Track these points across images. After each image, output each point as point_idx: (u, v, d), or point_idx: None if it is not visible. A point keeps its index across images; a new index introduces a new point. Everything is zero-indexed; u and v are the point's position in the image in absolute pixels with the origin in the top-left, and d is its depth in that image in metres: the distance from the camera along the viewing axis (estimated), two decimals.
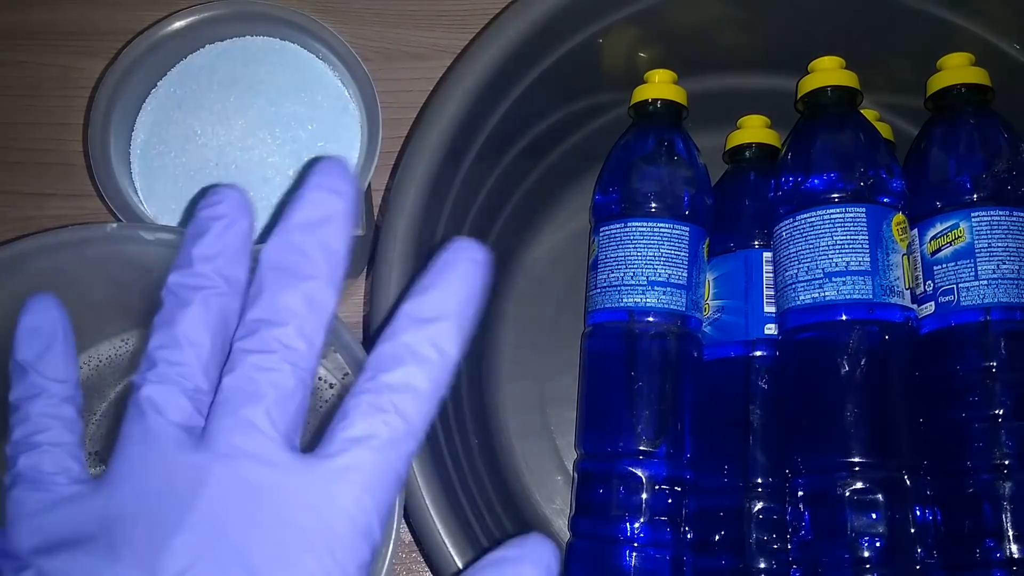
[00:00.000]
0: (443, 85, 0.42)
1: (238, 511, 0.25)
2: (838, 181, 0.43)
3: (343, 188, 0.28)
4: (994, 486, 0.39)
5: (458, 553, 0.36)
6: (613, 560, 0.42)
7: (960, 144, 0.44)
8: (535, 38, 0.43)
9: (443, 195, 0.42)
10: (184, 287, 0.28)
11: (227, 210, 0.28)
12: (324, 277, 0.27)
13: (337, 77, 0.45)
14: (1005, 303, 0.41)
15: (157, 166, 0.44)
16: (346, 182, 0.28)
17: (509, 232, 0.51)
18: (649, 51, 0.48)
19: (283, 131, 0.43)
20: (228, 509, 0.25)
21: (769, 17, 0.48)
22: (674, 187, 0.46)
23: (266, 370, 0.26)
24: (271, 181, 0.43)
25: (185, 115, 0.44)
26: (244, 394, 0.26)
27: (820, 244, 0.42)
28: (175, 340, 0.27)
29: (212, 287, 0.27)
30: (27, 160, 0.56)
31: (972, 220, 0.42)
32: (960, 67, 0.45)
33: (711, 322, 0.46)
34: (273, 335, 0.26)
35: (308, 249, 0.27)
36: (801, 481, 0.41)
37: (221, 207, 0.28)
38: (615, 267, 0.45)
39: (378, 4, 0.58)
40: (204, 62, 0.45)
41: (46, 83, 0.57)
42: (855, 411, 0.40)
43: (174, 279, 0.28)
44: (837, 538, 0.39)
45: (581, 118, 0.50)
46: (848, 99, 0.45)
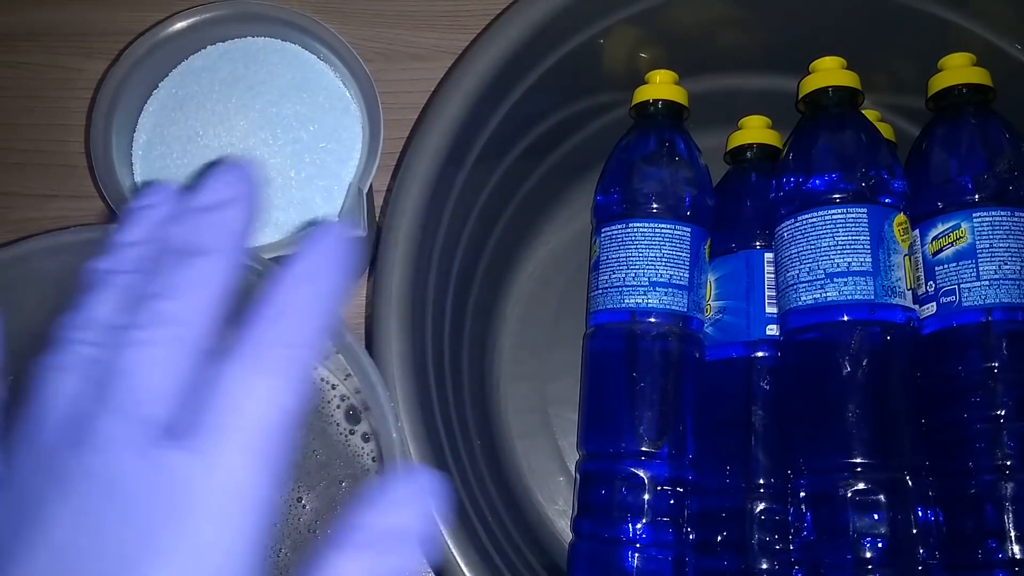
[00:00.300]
0: (444, 86, 0.42)
1: (94, 514, 0.23)
2: (839, 181, 0.43)
3: (241, 180, 0.27)
4: (996, 487, 0.39)
5: (460, 553, 0.36)
6: (615, 561, 0.42)
7: (961, 144, 0.44)
8: (536, 39, 0.43)
9: (444, 196, 0.42)
10: (96, 271, 0.28)
11: (154, 199, 0.28)
12: (218, 253, 0.26)
13: (338, 78, 0.45)
14: (1007, 303, 0.41)
15: (159, 167, 0.44)
16: (243, 176, 0.28)
17: (510, 233, 0.51)
18: (650, 52, 0.48)
19: (284, 132, 0.43)
20: (84, 513, 0.23)
21: (770, 17, 0.48)
22: (675, 188, 0.46)
23: (140, 344, 0.25)
24: (272, 182, 0.43)
25: (187, 116, 0.44)
26: (114, 372, 0.25)
27: (821, 244, 0.42)
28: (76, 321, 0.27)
29: (123, 270, 0.27)
30: (29, 161, 0.56)
31: (974, 220, 0.42)
32: (961, 67, 0.45)
33: (713, 323, 0.46)
34: (155, 308, 0.25)
35: (201, 227, 0.27)
36: (803, 482, 0.41)
37: (151, 197, 0.28)
38: (617, 268, 0.45)
39: (379, 5, 0.58)
40: (205, 63, 0.45)
41: (48, 84, 0.57)
42: (857, 412, 0.40)
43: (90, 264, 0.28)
44: (839, 539, 0.39)
45: (582, 119, 0.50)
46: (849, 99, 0.45)
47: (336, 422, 0.42)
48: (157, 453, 0.24)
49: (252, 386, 0.24)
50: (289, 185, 0.42)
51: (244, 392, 0.24)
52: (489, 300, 0.51)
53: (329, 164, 0.43)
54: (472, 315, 0.48)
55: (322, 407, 0.43)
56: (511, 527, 0.43)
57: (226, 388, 0.24)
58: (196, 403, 0.24)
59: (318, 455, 0.42)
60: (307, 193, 0.42)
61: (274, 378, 0.24)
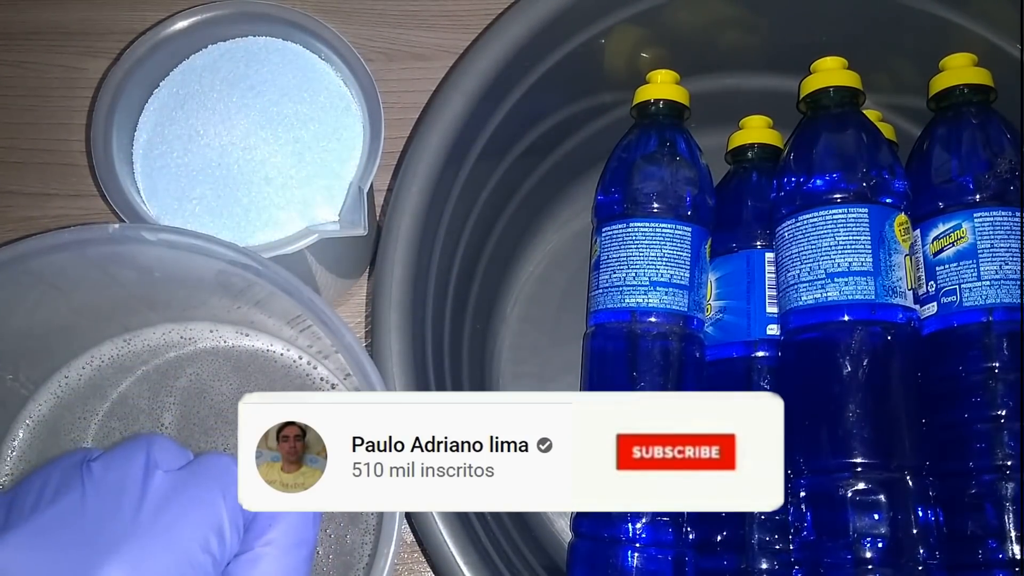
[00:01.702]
0: (445, 85, 0.42)
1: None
2: (840, 181, 0.43)
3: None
4: (996, 487, 0.39)
5: (460, 554, 0.36)
6: (615, 561, 0.42)
7: (962, 144, 0.44)
8: (537, 38, 0.43)
9: (445, 195, 0.42)
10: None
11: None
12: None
13: (339, 77, 0.45)
14: (1008, 303, 0.41)
15: (159, 166, 0.44)
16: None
17: (511, 232, 0.51)
18: (651, 51, 0.48)
19: (285, 131, 0.43)
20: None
21: (771, 17, 0.48)
22: (676, 187, 0.46)
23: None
24: (273, 181, 0.43)
25: (187, 115, 0.44)
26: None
27: (822, 244, 0.42)
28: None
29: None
30: (29, 160, 0.56)
31: (975, 220, 0.42)
32: (962, 67, 0.45)
33: (713, 322, 0.46)
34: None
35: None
36: (803, 482, 0.41)
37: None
38: (617, 267, 0.45)
39: (380, 4, 0.58)
40: (206, 62, 0.45)
41: (49, 83, 0.57)
42: (857, 412, 0.40)
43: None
44: (839, 539, 0.39)
45: (583, 118, 0.50)
46: (850, 99, 0.45)
47: None
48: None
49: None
50: (289, 184, 0.42)
51: None
52: (489, 300, 0.51)
53: (330, 163, 0.43)
54: (472, 315, 0.48)
55: None
56: (510, 527, 0.43)
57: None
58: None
59: None
60: (307, 192, 0.42)
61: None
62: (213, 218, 0.42)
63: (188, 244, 0.36)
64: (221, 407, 0.42)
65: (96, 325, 0.43)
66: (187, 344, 0.44)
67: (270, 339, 0.44)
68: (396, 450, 0.28)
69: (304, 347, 0.43)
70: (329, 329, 0.35)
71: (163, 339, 0.44)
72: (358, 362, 0.35)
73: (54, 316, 0.39)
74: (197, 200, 0.43)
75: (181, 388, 0.43)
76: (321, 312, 0.35)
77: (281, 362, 0.43)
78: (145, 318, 0.43)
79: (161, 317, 0.43)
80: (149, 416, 0.42)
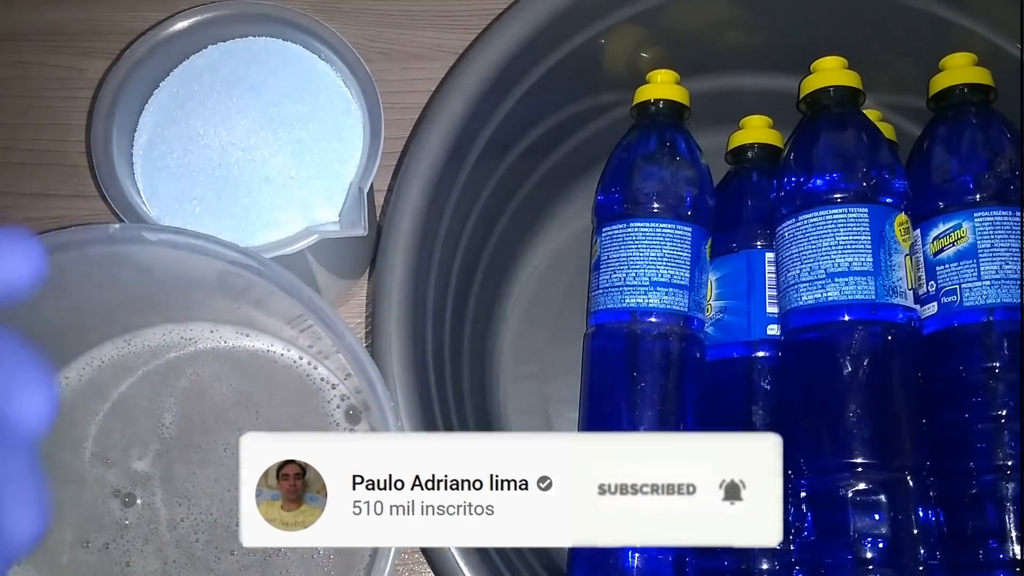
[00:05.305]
0: (445, 85, 0.42)
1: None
2: (840, 181, 0.43)
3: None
4: (997, 487, 0.39)
5: (461, 554, 0.36)
6: (616, 561, 0.42)
7: (963, 144, 0.44)
8: (537, 38, 0.43)
9: (445, 196, 0.42)
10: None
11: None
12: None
13: (339, 78, 0.45)
14: (1008, 303, 0.41)
15: (160, 166, 0.44)
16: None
17: (511, 232, 0.51)
18: (651, 51, 0.48)
19: (285, 131, 0.43)
20: None
21: (771, 17, 0.48)
22: (676, 187, 0.46)
23: None
24: (273, 181, 0.43)
25: (188, 115, 0.44)
26: None
27: (822, 244, 0.42)
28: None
29: None
30: (30, 161, 0.56)
31: (975, 220, 0.42)
32: (962, 67, 0.45)
33: (713, 322, 0.46)
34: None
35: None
36: (804, 482, 0.41)
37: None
38: (617, 267, 0.45)
39: (380, 5, 0.58)
40: (207, 62, 0.45)
41: (49, 84, 0.57)
42: (857, 412, 0.40)
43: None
44: (840, 539, 0.39)
45: (583, 118, 0.50)
46: (850, 99, 0.45)
47: (336, 422, 0.42)
48: None
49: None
50: (290, 185, 0.42)
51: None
52: (490, 300, 0.51)
53: (330, 164, 0.43)
54: (472, 315, 0.48)
55: (322, 407, 0.43)
56: None
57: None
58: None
59: None
60: (308, 193, 0.42)
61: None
62: (213, 218, 0.42)
63: (189, 244, 0.36)
64: (221, 407, 0.42)
65: (97, 325, 0.43)
66: (187, 344, 0.44)
67: (271, 339, 0.44)
68: (396, 488, 0.28)
69: (305, 347, 0.43)
70: (330, 329, 0.35)
71: (163, 339, 0.44)
72: (359, 362, 0.35)
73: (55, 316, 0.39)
74: (197, 200, 0.43)
75: (181, 388, 0.43)
76: (322, 312, 0.35)
77: (282, 362, 0.43)
78: (145, 318, 0.43)
79: (161, 317, 0.43)
80: (149, 416, 0.42)
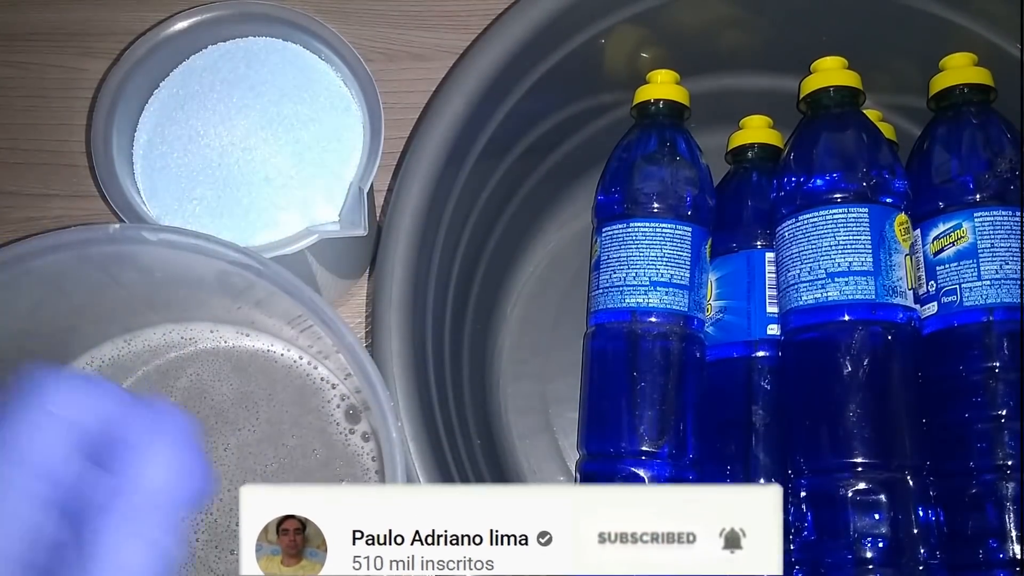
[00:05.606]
0: (445, 85, 0.42)
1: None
2: (841, 181, 0.43)
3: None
4: (997, 487, 0.39)
5: None
6: None
7: (963, 144, 0.44)
8: (537, 38, 0.43)
9: (445, 196, 0.42)
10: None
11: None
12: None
13: (339, 78, 0.45)
14: (1008, 303, 0.41)
15: (159, 166, 0.44)
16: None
17: (511, 232, 0.51)
18: (651, 51, 0.48)
19: (285, 132, 0.43)
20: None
21: (771, 17, 0.48)
22: (676, 187, 0.46)
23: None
24: (273, 181, 0.43)
25: (187, 116, 0.44)
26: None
27: (822, 244, 0.42)
28: None
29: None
30: (30, 161, 0.56)
31: (975, 220, 0.42)
32: (963, 67, 0.45)
33: (713, 322, 0.46)
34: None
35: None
36: (804, 482, 0.41)
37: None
38: (617, 267, 0.45)
39: (380, 5, 0.58)
40: (206, 63, 0.45)
41: (49, 84, 0.57)
42: (858, 411, 0.40)
43: None
44: (840, 539, 0.39)
45: (583, 118, 0.50)
46: (851, 99, 0.45)
47: (336, 422, 0.42)
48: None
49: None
50: (290, 185, 0.42)
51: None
52: (489, 300, 0.51)
53: (330, 164, 0.43)
54: (472, 315, 0.48)
55: (322, 407, 0.43)
56: None
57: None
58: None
59: (318, 454, 0.42)
60: (308, 193, 0.42)
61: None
62: (213, 218, 0.42)
63: (189, 244, 0.36)
64: (221, 407, 0.42)
65: (97, 325, 0.43)
66: (187, 344, 0.44)
67: (271, 339, 0.44)
68: (396, 544, 0.28)
69: (305, 347, 0.43)
70: (330, 329, 0.35)
71: (164, 339, 0.44)
72: (359, 362, 0.35)
73: (54, 316, 0.39)
74: (197, 200, 0.43)
75: (182, 388, 0.43)
76: (322, 312, 0.35)
77: (282, 362, 0.43)
78: (146, 318, 0.43)
79: (162, 317, 0.43)
80: None
